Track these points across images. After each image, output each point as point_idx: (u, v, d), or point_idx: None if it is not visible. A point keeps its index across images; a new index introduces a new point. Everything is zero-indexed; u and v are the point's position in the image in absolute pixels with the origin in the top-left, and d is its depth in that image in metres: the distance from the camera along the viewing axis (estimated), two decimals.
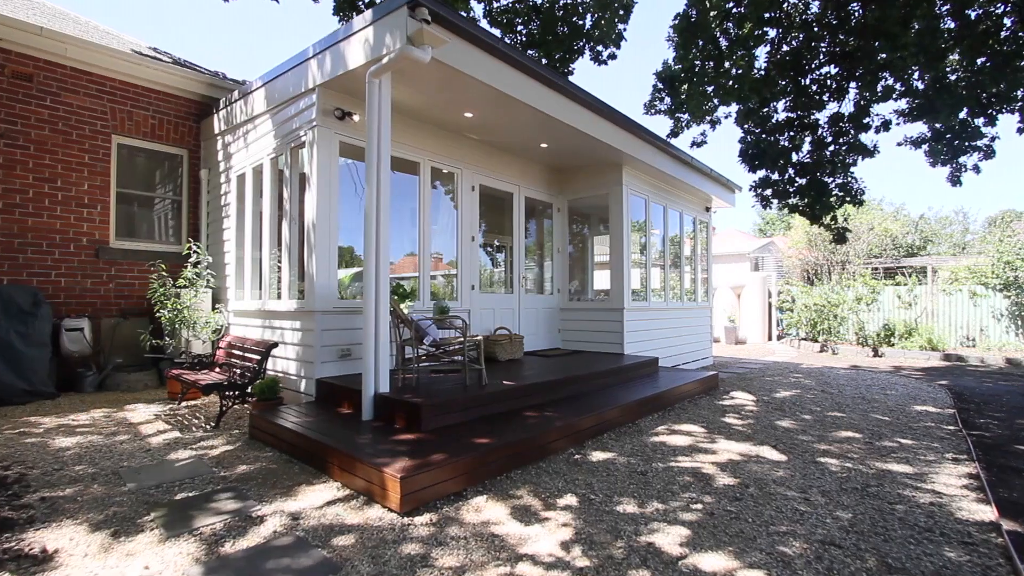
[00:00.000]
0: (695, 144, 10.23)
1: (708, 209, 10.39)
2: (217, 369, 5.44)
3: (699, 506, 3.08)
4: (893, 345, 12.90)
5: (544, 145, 6.80)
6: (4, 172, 6.05)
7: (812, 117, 8.02)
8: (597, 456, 3.98)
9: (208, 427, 4.76)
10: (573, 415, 4.42)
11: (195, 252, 6.29)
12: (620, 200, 7.49)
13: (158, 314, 6.01)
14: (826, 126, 7.98)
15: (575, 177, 8.07)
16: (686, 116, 10.32)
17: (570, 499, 3.14)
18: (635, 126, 6.91)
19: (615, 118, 6.55)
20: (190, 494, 3.14)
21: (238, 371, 4.99)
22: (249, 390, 4.87)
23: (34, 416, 5.00)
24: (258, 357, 5.05)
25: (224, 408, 4.83)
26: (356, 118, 5.22)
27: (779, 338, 16.12)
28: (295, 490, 3.21)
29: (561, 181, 8.19)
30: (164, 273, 6.11)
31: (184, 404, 5.70)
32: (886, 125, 7.42)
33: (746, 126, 8.63)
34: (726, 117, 9.43)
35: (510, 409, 4.51)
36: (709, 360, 10.18)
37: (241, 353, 5.34)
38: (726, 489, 3.35)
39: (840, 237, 8.85)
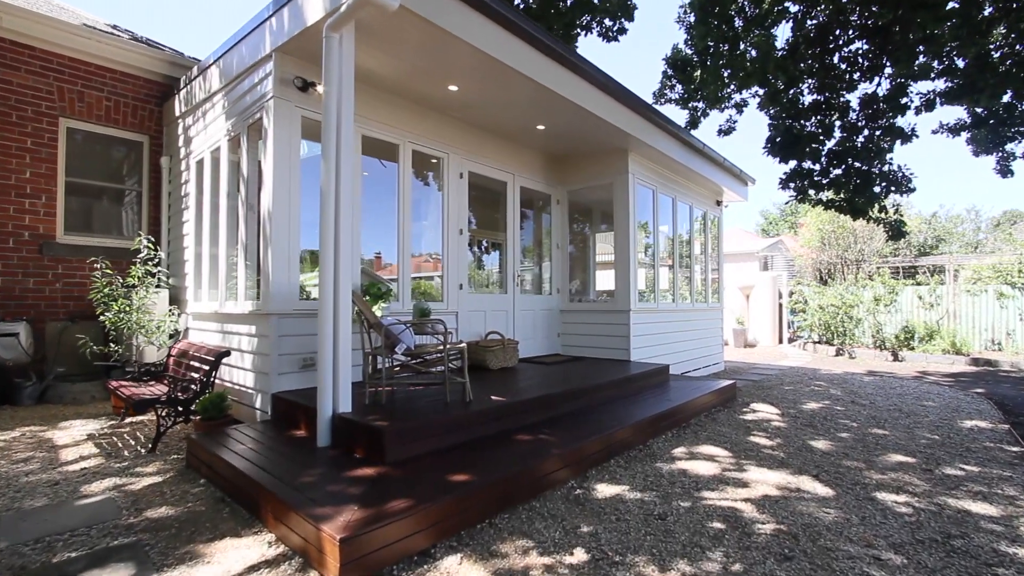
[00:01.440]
0: (722, 132, 9.47)
1: (719, 203, 9.65)
2: (166, 380, 4.72)
3: (739, 567, 2.35)
4: (914, 349, 12.14)
5: (541, 127, 6.08)
6: None
7: (842, 99, 7.24)
8: (603, 490, 3.24)
9: (143, 451, 4.04)
10: (575, 438, 3.69)
11: (146, 247, 5.57)
12: (626, 190, 6.77)
13: (102, 317, 5.29)
14: (858, 109, 7.19)
15: (576, 165, 7.35)
16: (701, 104, 9.60)
17: (570, 558, 2.41)
18: (644, 106, 6.18)
19: (622, 96, 5.83)
20: (73, 554, 2.41)
21: (182, 384, 4.26)
22: (193, 407, 4.14)
23: None
24: (206, 367, 4.33)
25: (162, 428, 4.10)
26: (321, 89, 4.49)
27: (791, 341, 15.37)
28: (214, 547, 2.48)
29: (560, 170, 7.47)
30: (109, 271, 5.39)
31: (129, 421, 4.98)
32: (929, 104, 6.61)
33: (771, 111, 7.82)
34: (753, 97, 8.65)
35: (499, 431, 3.78)
36: (721, 366, 9.44)
37: (190, 363, 4.62)
38: (770, 541, 2.61)
39: (896, 231, 7.76)
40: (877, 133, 7.00)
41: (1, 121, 5.74)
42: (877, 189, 7.11)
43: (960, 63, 6.30)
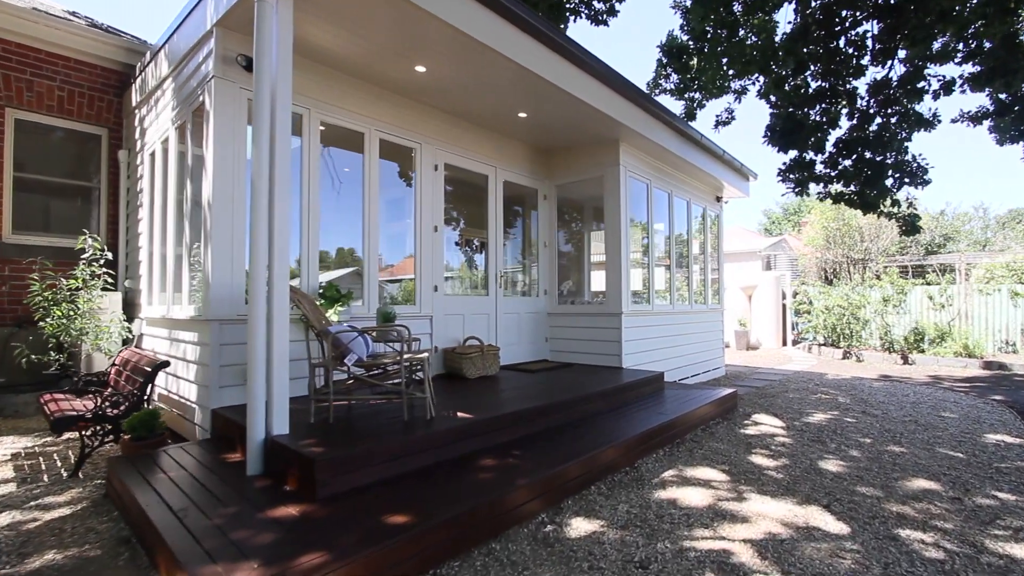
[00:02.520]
0: (720, 123, 8.97)
1: (719, 199, 9.17)
2: (94, 393, 4.26)
3: None
4: (924, 351, 11.62)
5: (523, 115, 5.61)
6: None
7: (849, 85, 6.72)
8: (578, 527, 2.77)
9: (66, 475, 3.59)
10: (551, 461, 3.22)
11: (92, 246, 5.12)
12: (617, 183, 6.29)
13: (41, 324, 4.84)
14: (867, 95, 6.64)
15: (564, 158, 6.88)
16: (698, 95, 9.10)
17: None
18: (636, 93, 5.71)
19: (611, 81, 5.36)
20: None
21: (112, 398, 3.81)
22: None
23: None
24: (141, 380, 3.88)
25: (87, 450, 3.64)
26: None
27: (795, 343, 14.85)
28: None
29: (547, 163, 7.00)
30: (51, 272, 4.95)
31: (67, 437, 4.53)
32: (947, 87, 6.06)
33: (774, 99, 7.30)
34: (753, 84, 8.14)
35: (463, 454, 3.31)
36: (722, 371, 8.94)
37: (130, 374, 4.17)
38: None
39: (910, 226, 7.13)
40: (892, 121, 6.45)
41: None
42: (890, 181, 6.56)
43: (986, 44, 5.74)
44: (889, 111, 6.45)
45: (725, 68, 8.40)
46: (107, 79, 6.35)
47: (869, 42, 6.39)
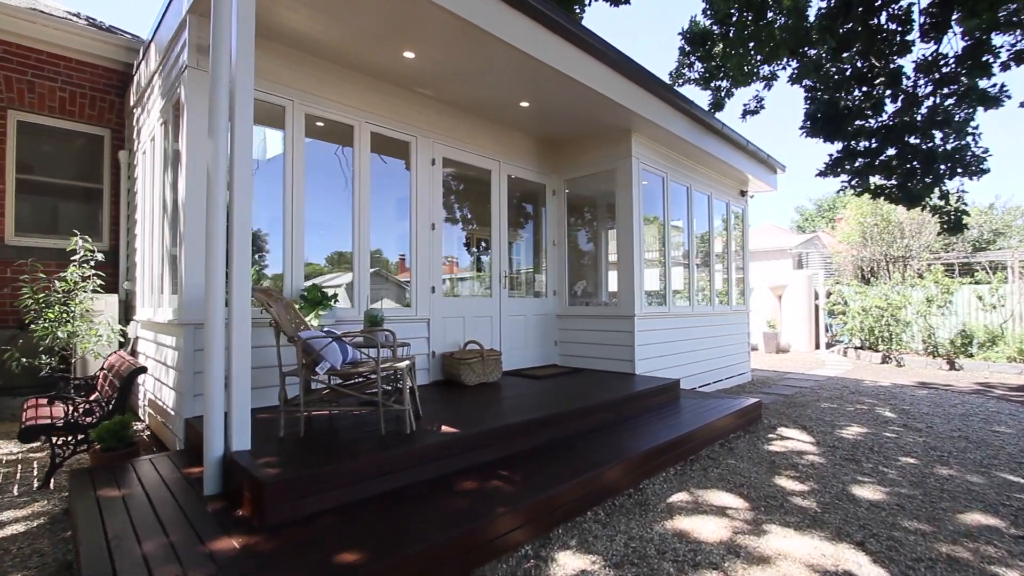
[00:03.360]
0: (747, 112, 8.45)
1: (744, 193, 8.62)
2: (80, 400, 4.12)
3: None
4: (972, 356, 10.73)
5: (525, 104, 5.26)
6: None
7: (892, 65, 6.06)
8: (566, 564, 2.41)
9: (36, 487, 3.43)
10: (541, 483, 2.87)
11: (82, 247, 5.02)
12: (629, 176, 5.87)
13: (32, 326, 4.76)
14: (913, 75, 5.95)
15: (573, 150, 6.50)
16: (725, 83, 8.57)
17: None
18: (649, 78, 5.29)
19: (622, 66, 4.97)
20: None
21: (85, 406, 3.64)
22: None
23: None
24: (118, 385, 3.70)
25: (57, 460, 3.48)
26: None
27: (828, 346, 14.02)
28: None
29: (556, 157, 6.63)
30: (43, 275, 4.87)
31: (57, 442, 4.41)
32: (1019, 57, 5.26)
33: (809, 83, 6.67)
34: (783, 69, 7.57)
35: (443, 474, 2.99)
36: (747, 376, 8.39)
37: (113, 379, 4.01)
38: None
39: (955, 224, 6.38)
40: (950, 101, 5.70)
41: None
42: (942, 171, 5.81)
43: None
44: (944, 90, 5.73)
45: (752, 53, 7.86)
46: (108, 79, 6.30)
47: (916, 16, 5.74)
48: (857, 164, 6.52)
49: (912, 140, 6.07)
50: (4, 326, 5.59)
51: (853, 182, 6.76)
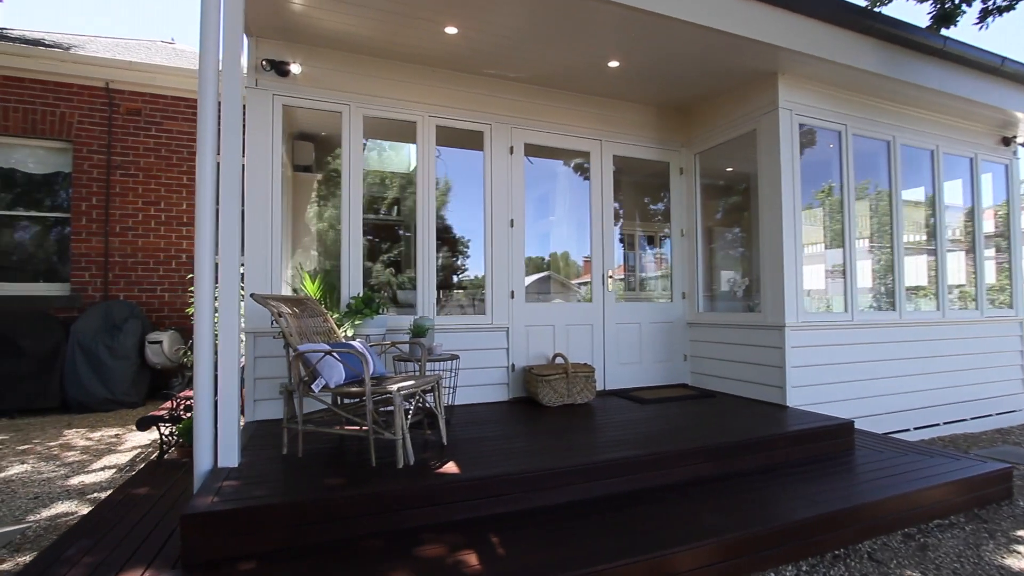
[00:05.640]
0: (990, 11, 5.82)
1: (1009, 141, 5.76)
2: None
3: None
4: None
5: (614, 63, 4.26)
6: (120, 199, 6.72)
7: None
8: None
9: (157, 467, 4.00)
10: (544, 561, 2.05)
11: None
12: (775, 134, 4.32)
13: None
14: None
15: (701, 115, 5.13)
16: None
17: None
18: None
19: None
20: None
21: (187, 402, 4.12)
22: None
23: (71, 428, 5.10)
24: None
25: (165, 448, 3.99)
26: (296, 69, 3.86)
27: None
28: None
29: (679, 126, 5.33)
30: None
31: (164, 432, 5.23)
32: None
33: None
34: None
35: (412, 527, 2.39)
36: (1019, 417, 5.53)
37: None
38: None
39: None
40: None
41: (164, 164, 6.92)
42: None
43: None
44: None
45: None
46: None
47: None
48: None
49: None
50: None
51: None
